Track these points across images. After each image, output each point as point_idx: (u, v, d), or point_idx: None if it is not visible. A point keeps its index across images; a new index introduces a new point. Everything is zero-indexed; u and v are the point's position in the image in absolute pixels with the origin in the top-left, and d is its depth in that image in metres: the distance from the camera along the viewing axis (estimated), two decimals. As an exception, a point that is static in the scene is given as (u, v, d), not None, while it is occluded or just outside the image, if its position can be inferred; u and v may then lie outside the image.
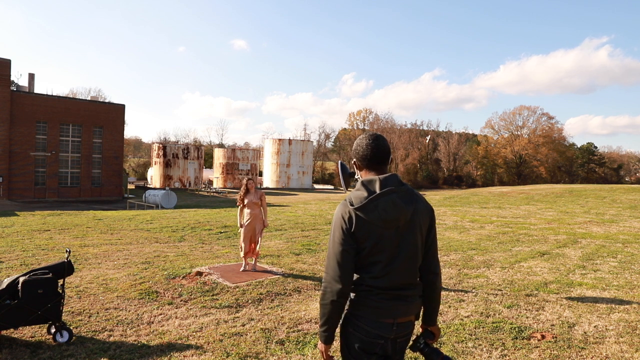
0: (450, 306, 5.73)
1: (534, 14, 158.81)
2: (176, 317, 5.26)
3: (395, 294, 2.13)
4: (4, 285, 4.40)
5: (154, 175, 61.73)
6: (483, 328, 4.92)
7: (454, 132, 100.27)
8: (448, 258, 8.92)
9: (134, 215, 16.86)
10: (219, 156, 69.39)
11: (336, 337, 2.24)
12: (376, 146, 2.23)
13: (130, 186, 59.19)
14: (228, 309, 5.58)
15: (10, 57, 43.85)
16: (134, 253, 9.07)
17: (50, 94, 51.48)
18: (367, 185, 2.15)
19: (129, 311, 5.43)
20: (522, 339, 4.63)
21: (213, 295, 6.12)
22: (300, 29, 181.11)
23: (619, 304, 5.90)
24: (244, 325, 5.02)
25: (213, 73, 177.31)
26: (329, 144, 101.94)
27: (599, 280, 7.23)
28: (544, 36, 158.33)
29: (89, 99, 57.73)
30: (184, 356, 4.18)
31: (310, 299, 6.08)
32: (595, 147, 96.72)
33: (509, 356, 4.23)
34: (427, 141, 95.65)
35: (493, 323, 5.08)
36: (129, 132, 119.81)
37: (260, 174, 77.13)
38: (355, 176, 2.42)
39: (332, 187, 71.57)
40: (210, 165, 77.13)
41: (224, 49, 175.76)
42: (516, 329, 4.88)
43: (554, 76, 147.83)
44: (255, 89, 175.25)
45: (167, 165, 60.06)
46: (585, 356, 4.26)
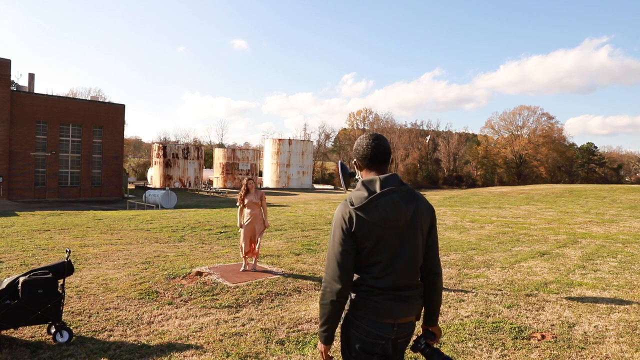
0: (450, 306, 5.73)
1: (534, 14, 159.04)
2: (176, 317, 5.26)
3: (396, 294, 2.12)
4: (4, 285, 4.40)
5: (154, 175, 61.74)
6: (483, 328, 4.92)
7: (454, 132, 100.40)
8: (448, 258, 8.92)
9: (134, 215, 16.86)
10: (219, 156, 69.39)
11: (336, 338, 2.24)
12: (377, 146, 2.23)
13: (130, 186, 59.19)
14: (228, 309, 5.57)
15: (10, 57, 43.96)
16: (134, 253, 9.06)
17: (50, 94, 51.53)
18: (368, 185, 2.14)
19: (129, 311, 5.43)
20: (522, 339, 4.62)
21: (213, 295, 6.12)
22: (300, 29, 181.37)
23: (619, 304, 5.90)
24: (244, 325, 5.02)
25: (213, 73, 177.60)
26: (329, 144, 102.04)
27: (599, 280, 7.23)
28: (544, 36, 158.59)
29: (89, 99, 57.73)
30: (184, 356, 4.18)
31: (310, 299, 6.07)
32: (595, 147, 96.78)
33: (509, 356, 4.23)
34: (427, 141, 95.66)
35: (493, 323, 5.08)
36: (129, 132, 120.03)
37: (260, 174, 77.13)
38: (356, 176, 2.42)
39: (332, 187, 71.57)
40: (210, 165, 77.14)
41: (224, 49, 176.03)
42: (516, 329, 4.88)
43: (554, 76, 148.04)
44: (255, 89, 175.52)
45: (167, 165, 60.07)
46: (585, 356, 4.26)
